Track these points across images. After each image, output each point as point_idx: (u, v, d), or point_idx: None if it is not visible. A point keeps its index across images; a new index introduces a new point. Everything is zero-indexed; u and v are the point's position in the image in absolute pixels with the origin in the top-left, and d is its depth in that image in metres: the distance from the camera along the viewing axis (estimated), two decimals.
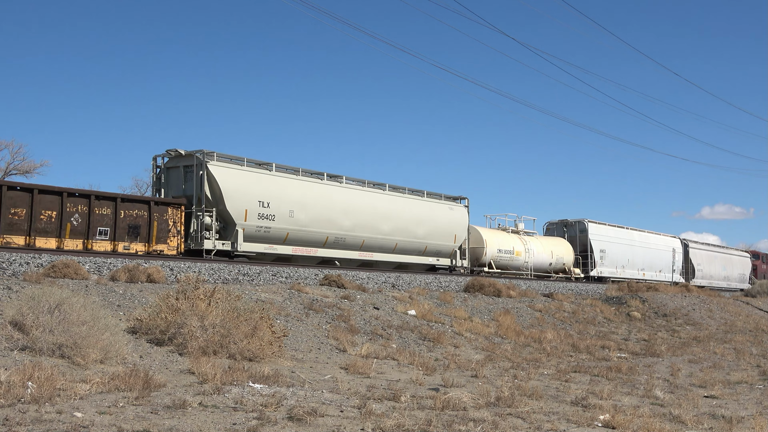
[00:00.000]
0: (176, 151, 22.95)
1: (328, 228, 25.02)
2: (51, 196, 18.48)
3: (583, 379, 12.53)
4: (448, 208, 30.56)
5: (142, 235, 20.40)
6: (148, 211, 20.52)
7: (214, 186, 21.98)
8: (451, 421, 7.71)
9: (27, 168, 43.34)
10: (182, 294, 11.47)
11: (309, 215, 24.29)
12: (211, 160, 22.26)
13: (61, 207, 18.63)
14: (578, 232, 38.23)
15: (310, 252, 24.82)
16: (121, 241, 19.93)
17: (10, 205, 17.77)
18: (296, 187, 24.37)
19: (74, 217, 18.93)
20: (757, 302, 34.89)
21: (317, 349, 12.82)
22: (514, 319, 19.84)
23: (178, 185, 22.85)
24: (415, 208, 28.85)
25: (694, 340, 21.24)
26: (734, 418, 8.89)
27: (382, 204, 27.35)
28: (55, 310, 9.46)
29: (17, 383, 7.39)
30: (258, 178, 23.38)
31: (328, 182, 25.83)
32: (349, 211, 25.83)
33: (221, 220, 22.22)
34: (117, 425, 6.52)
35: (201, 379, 9.07)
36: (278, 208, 23.34)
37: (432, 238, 29.13)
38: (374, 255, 27.01)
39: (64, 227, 18.62)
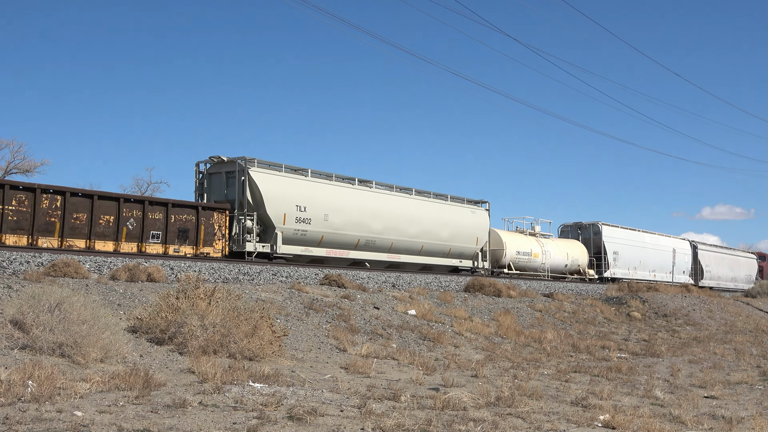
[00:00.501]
0: (219, 158, 24.00)
1: (359, 231, 26.11)
2: (109, 201, 19.63)
3: (583, 379, 12.53)
4: (470, 211, 31.64)
5: (191, 239, 21.57)
6: (196, 215, 21.69)
7: (255, 191, 23.10)
8: (451, 421, 7.71)
9: (27, 167, 43.38)
10: (182, 293, 11.48)
11: (342, 219, 25.40)
12: (252, 166, 23.37)
13: (118, 212, 19.79)
14: (592, 235, 39.38)
15: (343, 254, 25.92)
16: (172, 244, 21.08)
17: (72, 210, 18.91)
18: (330, 191, 25.53)
19: (129, 222, 20.08)
20: (757, 303, 34.87)
21: (317, 349, 12.82)
22: (514, 319, 19.84)
23: (220, 190, 23.91)
24: (439, 211, 29.88)
25: (695, 340, 21.24)
26: (734, 419, 8.89)
27: (409, 208, 28.45)
28: (55, 309, 9.46)
29: (17, 382, 7.39)
30: (295, 183, 24.49)
31: (359, 187, 27.01)
32: (379, 215, 26.94)
33: (261, 224, 23.27)
34: (117, 424, 6.52)
35: (201, 378, 9.07)
36: (314, 212, 24.48)
37: (455, 241, 30.19)
38: (401, 257, 28.12)
39: (120, 231, 19.82)
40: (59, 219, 18.73)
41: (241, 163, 23.29)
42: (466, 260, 31.27)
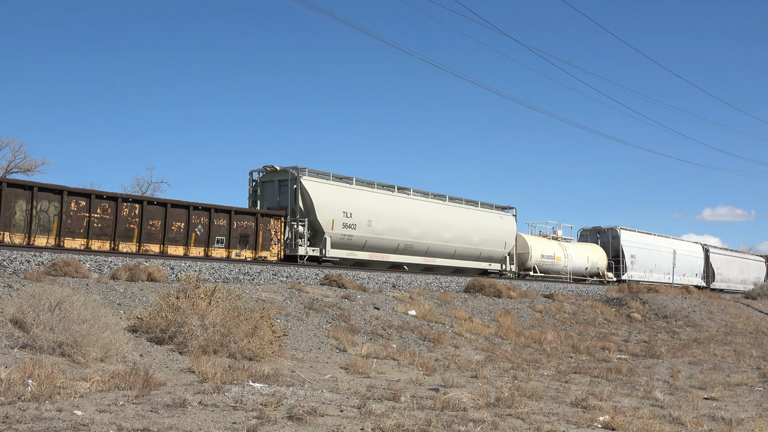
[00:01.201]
0: (272, 167, 25.58)
1: (399, 236, 27.66)
2: (180, 209, 21.17)
3: (583, 380, 12.52)
4: (499, 217, 33.29)
5: (250, 243, 23.04)
6: (255, 222, 23.19)
7: (306, 198, 24.70)
8: (451, 422, 7.71)
9: (28, 166, 43.37)
10: (183, 293, 11.48)
11: (383, 224, 26.93)
12: (304, 175, 24.93)
13: (188, 219, 21.29)
14: (610, 239, 41.06)
15: (384, 257, 27.35)
16: (234, 249, 22.57)
17: (149, 217, 20.43)
18: (372, 198, 27.13)
19: (197, 228, 21.61)
20: (757, 304, 34.87)
21: (317, 349, 12.82)
22: (514, 320, 19.84)
23: (273, 197, 25.48)
24: (470, 217, 31.45)
25: (695, 341, 21.23)
26: (734, 420, 8.89)
27: (443, 213, 30.02)
28: (55, 308, 9.47)
29: (17, 381, 7.39)
30: (342, 190, 26.04)
31: (398, 194, 28.59)
32: (417, 221, 28.41)
33: (311, 229, 24.81)
34: (117, 423, 6.52)
35: (201, 378, 9.07)
36: (359, 218, 26.00)
37: (485, 245, 31.81)
38: (436, 260, 29.65)
39: (190, 237, 21.33)
40: (137, 226, 20.23)
41: (293, 172, 24.82)
42: (495, 263, 32.83)
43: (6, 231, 17.83)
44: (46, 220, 18.53)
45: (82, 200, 19.27)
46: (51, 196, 18.69)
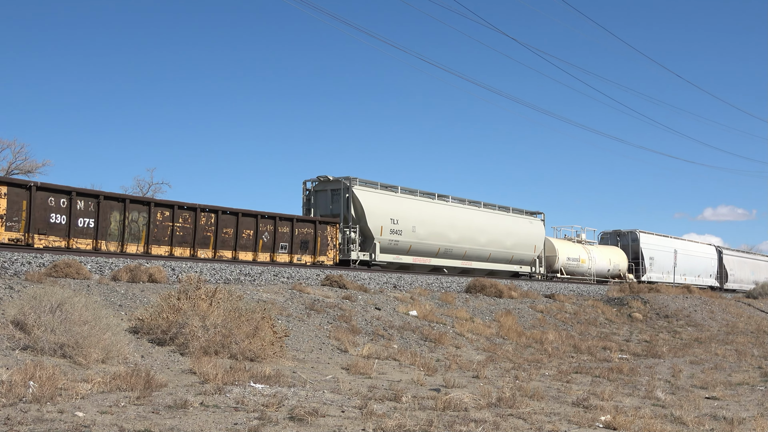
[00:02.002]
0: (325, 177, 27.36)
1: (439, 240, 29.29)
2: (249, 218, 22.89)
3: (584, 380, 12.52)
4: (528, 222, 34.98)
5: (310, 249, 24.76)
6: (314, 229, 24.90)
7: (358, 206, 26.43)
8: (453, 422, 7.71)
9: (29, 167, 43.37)
10: (184, 294, 11.48)
11: (426, 230, 28.62)
12: (355, 184, 26.72)
13: (256, 227, 22.94)
14: (630, 242, 42.89)
15: (426, 261, 29.06)
16: (296, 254, 24.28)
17: (223, 225, 22.16)
18: (415, 205, 28.82)
19: (264, 235, 23.24)
20: (758, 303, 34.84)
21: (319, 350, 12.82)
22: (515, 320, 19.83)
23: (326, 205, 27.28)
24: (503, 222, 33.15)
25: (696, 341, 21.22)
26: (735, 420, 8.88)
27: (478, 219, 31.78)
28: (56, 309, 9.47)
29: (19, 383, 7.40)
30: (388, 198, 27.82)
31: (438, 201, 30.40)
32: (455, 226, 30.14)
33: (362, 235, 26.54)
34: (118, 425, 6.53)
35: (202, 379, 9.07)
36: (404, 224, 27.69)
37: (517, 249, 33.46)
38: (473, 263, 31.23)
39: (258, 243, 22.97)
40: (213, 234, 21.98)
41: (345, 182, 26.63)
42: (525, 266, 34.48)
43: (103, 240, 19.50)
44: (136, 230, 20.26)
45: (167, 211, 20.98)
46: (140, 207, 20.42)
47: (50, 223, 18.46)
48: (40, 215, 18.22)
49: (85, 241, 19.24)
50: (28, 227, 17.95)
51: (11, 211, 17.65)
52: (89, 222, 19.17)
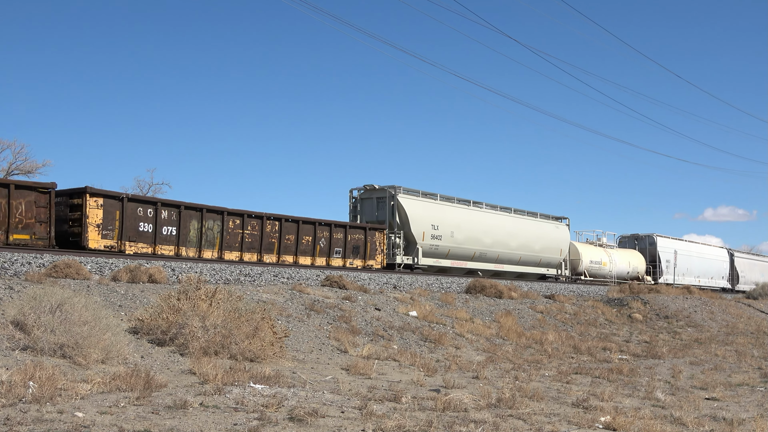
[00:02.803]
0: (371, 186, 29.29)
1: (475, 245, 31.24)
2: (308, 225, 24.66)
3: (584, 380, 12.51)
4: (555, 227, 36.83)
5: (360, 253, 26.47)
6: (364, 234, 26.65)
7: (402, 213, 28.29)
8: (452, 422, 7.71)
9: (29, 168, 43.33)
10: (184, 294, 11.47)
11: (463, 235, 30.48)
12: (399, 192, 28.59)
13: (314, 233, 24.72)
14: (648, 245, 44.80)
15: (462, 264, 30.79)
16: (348, 258, 26.00)
17: (285, 232, 23.92)
18: (454, 212, 30.63)
19: (321, 241, 24.96)
20: (758, 304, 34.83)
21: (318, 350, 12.82)
22: (515, 321, 19.83)
23: (371, 213, 29.13)
24: (531, 227, 34.90)
25: (696, 342, 21.21)
26: (735, 420, 8.87)
27: (509, 224, 33.59)
28: (56, 310, 9.47)
29: (18, 383, 7.40)
30: (429, 206, 29.72)
31: (473, 208, 32.24)
32: (489, 231, 32.01)
33: (405, 240, 28.32)
34: (118, 425, 6.53)
35: (202, 379, 9.07)
36: (443, 230, 29.44)
37: (544, 252, 35.28)
38: (504, 266, 33.03)
39: (315, 248, 24.80)
40: (277, 240, 23.71)
41: (390, 190, 28.52)
42: (551, 269, 36.25)
43: (183, 246, 21.12)
44: (211, 237, 21.96)
45: (237, 219, 22.63)
46: (215, 216, 22.03)
47: (139, 231, 20.10)
48: (131, 224, 19.82)
49: (168, 247, 20.89)
50: (120, 235, 19.58)
51: (106, 221, 19.30)
52: (172, 230, 20.92)
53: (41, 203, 18.08)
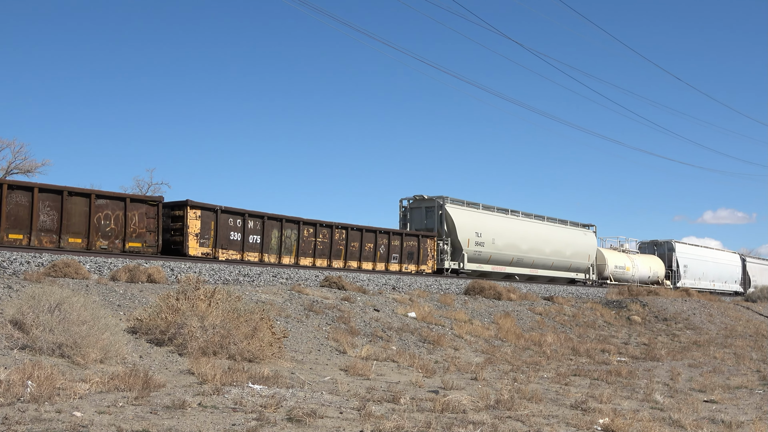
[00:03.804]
0: (420, 196, 31.74)
1: (513, 251, 33.34)
2: (370, 233, 26.91)
3: (582, 382, 12.51)
4: (583, 233, 39.05)
5: (414, 259, 28.73)
6: (417, 241, 29.00)
7: (450, 222, 30.59)
8: (451, 424, 7.70)
9: (28, 167, 43.28)
10: (182, 294, 11.47)
11: (503, 242, 32.78)
12: (447, 202, 30.93)
13: (375, 240, 27.02)
14: (666, 251, 46.83)
15: (501, 269, 33.02)
16: (404, 264, 28.27)
17: (351, 240, 26.09)
18: (494, 220, 32.95)
19: (381, 247, 27.25)
20: (757, 307, 34.85)
21: (317, 351, 12.81)
22: (514, 322, 19.83)
23: (420, 221, 31.47)
24: (563, 234, 37.12)
25: (695, 344, 21.22)
26: (734, 423, 8.88)
27: (543, 231, 35.75)
28: (55, 309, 9.46)
29: (17, 382, 7.39)
30: (473, 214, 32.07)
31: (511, 216, 34.38)
32: (525, 238, 34.11)
33: (452, 246, 30.58)
34: (116, 425, 6.52)
35: (200, 379, 9.07)
36: (486, 237, 31.81)
37: (574, 258, 37.53)
38: (538, 271, 35.12)
39: (376, 254, 27.01)
40: (344, 247, 25.76)
41: (439, 201, 30.90)
42: (580, 273, 38.31)
43: (266, 253, 23.07)
44: (289, 244, 23.92)
45: (311, 228, 24.76)
46: (292, 225, 24.06)
47: (230, 239, 22.09)
48: (223, 233, 21.86)
49: (254, 254, 22.75)
50: (215, 243, 21.55)
51: (203, 230, 21.30)
52: (257, 238, 22.90)
53: (150, 215, 20.25)
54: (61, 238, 18.52)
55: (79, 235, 18.94)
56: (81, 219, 18.94)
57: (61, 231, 18.52)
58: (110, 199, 19.55)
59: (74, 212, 18.82)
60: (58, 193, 18.59)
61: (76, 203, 18.90)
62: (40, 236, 18.25)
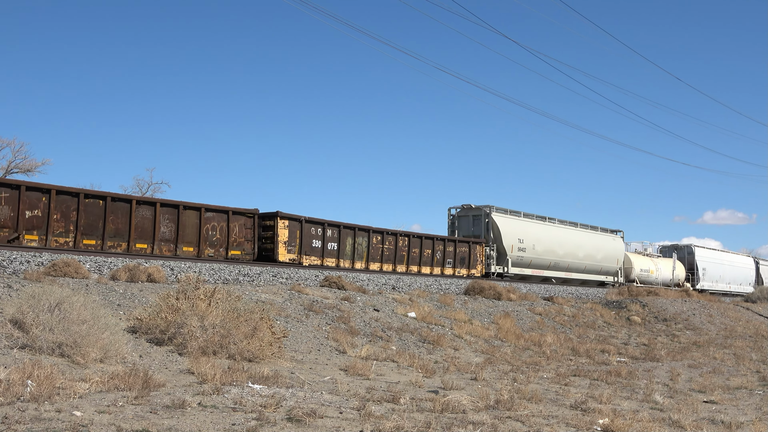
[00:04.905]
0: (468, 205, 34.03)
1: (550, 256, 35.46)
2: (428, 240, 29.23)
3: (582, 383, 12.51)
4: (612, 239, 41.06)
5: (465, 263, 31.00)
6: (468, 247, 31.26)
7: (495, 229, 32.82)
8: (450, 424, 7.71)
9: (28, 167, 43.24)
10: (182, 294, 11.47)
11: (542, 247, 34.79)
12: (493, 211, 33.23)
13: (433, 246, 29.29)
14: (686, 254, 48.90)
15: (540, 273, 35.04)
16: (457, 268, 30.34)
17: (413, 246, 28.32)
18: (534, 227, 35.08)
19: (437, 253, 29.46)
20: (757, 308, 34.85)
21: (317, 351, 12.81)
22: (514, 323, 19.83)
23: (467, 228, 33.74)
24: (593, 239, 39.31)
25: (694, 345, 21.22)
26: (733, 424, 8.88)
27: (576, 237, 37.95)
28: (55, 308, 9.46)
29: (17, 381, 7.39)
30: (516, 222, 34.16)
31: (548, 223, 36.50)
32: (561, 243, 36.28)
33: (497, 252, 32.77)
34: (116, 424, 6.52)
35: (200, 379, 9.07)
36: (527, 242, 33.91)
37: (605, 262, 39.66)
38: (572, 274, 37.19)
39: (433, 259, 29.28)
40: (406, 253, 28.05)
41: (485, 209, 33.19)
42: (609, 276, 40.33)
43: (341, 258, 25.08)
44: (361, 251, 26.00)
45: (378, 236, 26.88)
46: (363, 233, 26.10)
47: (312, 246, 24.21)
48: (307, 241, 24.00)
49: (331, 260, 24.80)
50: (300, 250, 23.67)
51: (290, 239, 23.44)
52: (334, 245, 24.96)
53: (248, 225, 22.49)
54: (177, 246, 20.66)
55: (191, 244, 21.14)
56: (193, 230, 21.14)
57: (177, 240, 20.69)
58: (216, 212, 21.74)
59: (188, 224, 20.99)
60: (174, 207, 20.68)
61: (189, 216, 21.04)
62: (161, 245, 20.35)
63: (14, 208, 17.55)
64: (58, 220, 18.31)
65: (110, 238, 19.20)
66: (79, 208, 18.55)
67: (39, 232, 17.97)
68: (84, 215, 18.65)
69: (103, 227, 19.01)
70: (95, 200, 19.04)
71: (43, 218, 18.01)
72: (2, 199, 17.37)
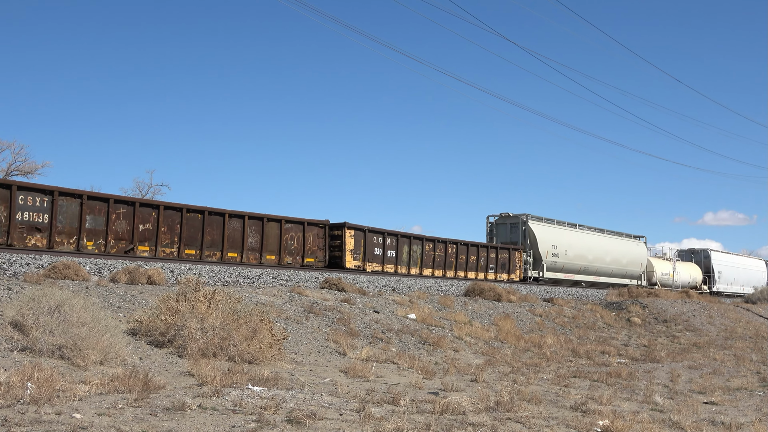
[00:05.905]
0: (506, 214, 36.64)
1: (581, 261, 37.89)
2: (473, 247, 31.95)
3: (582, 384, 12.51)
4: (635, 244, 43.35)
5: (506, 268, 33.56)
6: (508, 254, 33.92)
7: (532, 236, 35.23)
8: (451, 425, 7.70)
9: (28, 169, 43.30)
10: (182, 296, 11.46)
11: (573, 253, 37.28)
12: (530, 219, 35.57)
13: (477, 253, 32.01)
14: (702, 258, 51.00)
15: (572, 276, 37.48)
16: (498, 273, 33.02)
17: (460, 253, 30.92)
18: (566, 234, 37.48)
19: (481, 259, 32.07)
20: (757, 308, 34.82)
21: (317, 352, 12.81)
22: (514, 324, 19.83)
23: (505, 235, 36.28)
24: (619, 245, 41.57)
25: (694, 346, 21.21)
26: (734, 425, 8.87)
27: (604, 243, 40.13)
28: (55, 311, 9.46)
29: (17, 384, 7.39)
30: (550, 229, 36.49)
31: (578, 230, 38.91)
32: (590, 249, 38.67)
33: (533, 258, 35.10)
34: (116, 427, 6.52)
35: (200, 381, 9.06)
36: (560, 248, 36.29)
37: (629, 266, 42.00)
38: (600, 278, 39.49)
39: (478, 265, 31.90)
40: (454, 259, 30.58)
41: (522, 218, 35.60)
42: (633, 280, 42.51)
43: (399, 265, 27.51)
44: (415, 257, 28.57)
45: (430, 243, 29.37)
46: (417, 242, 28.65)
47: (374, 254, 26.51)
48: (369, 249, 26.12)
49: (390, 266, 27.17)
50: (364, 258, 25.83)
51: (356, 247, 25.68)
52: (392, 253, 27.35)
53: (320, 235, 24.70)
54: (262, 255, 22.81)
55: (273, 252, 23.24)
56: (274, 240, 23.29)
57: (262, 249, 22.79)
58: (294, 223, 23.93)
59: (270, 234, 23.13)
60: (259, 220, 22.84)
61: (271, 227, 23.18)
62: (248, 254, 22.46)
63: (130, 222, 19.49)
64: (165, 233, 20.38)
65: (207, 248, 21.33)
66: (182, 222, 20.63)
67: (150, 243, 20.00)
68: (186, 228, 20.76)
69: (201, 238, 21.18)
70: (195, 214, 21.12)
71: (153, 231, 20.08)
72: (120, 214, 19.35)
